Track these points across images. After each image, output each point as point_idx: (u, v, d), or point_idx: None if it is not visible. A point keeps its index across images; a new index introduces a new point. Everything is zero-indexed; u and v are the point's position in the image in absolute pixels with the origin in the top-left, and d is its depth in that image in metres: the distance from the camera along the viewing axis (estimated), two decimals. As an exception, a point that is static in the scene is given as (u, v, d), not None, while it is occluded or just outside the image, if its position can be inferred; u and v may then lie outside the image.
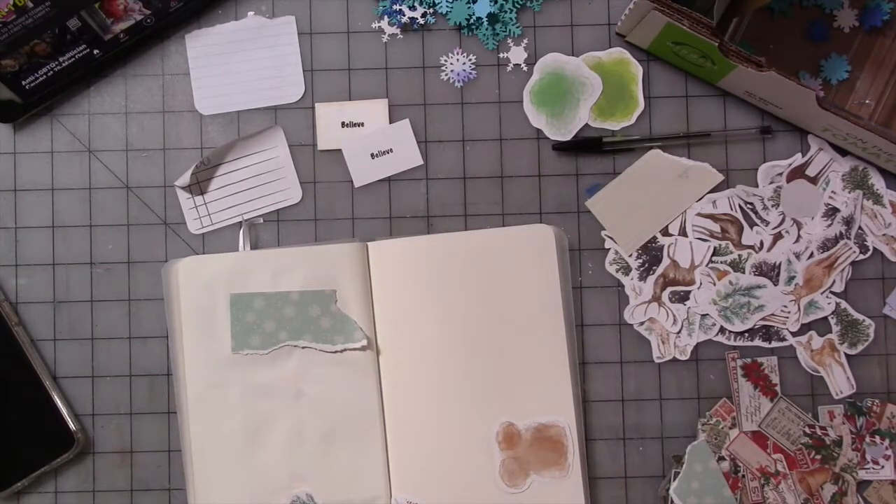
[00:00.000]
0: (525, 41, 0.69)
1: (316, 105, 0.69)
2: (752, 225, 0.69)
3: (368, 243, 0.68)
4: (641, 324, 0.69)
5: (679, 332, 0.68)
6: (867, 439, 0.68)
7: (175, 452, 0.68)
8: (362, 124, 0.69)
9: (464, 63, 0.69)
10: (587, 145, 0.69)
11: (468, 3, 0.68)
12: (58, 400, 0.68)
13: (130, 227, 0.69)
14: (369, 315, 0.67)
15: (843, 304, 0.68)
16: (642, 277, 0.69)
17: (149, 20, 0.67)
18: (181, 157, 0.69)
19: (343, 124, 0.69)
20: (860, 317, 0.68)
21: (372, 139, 0.69)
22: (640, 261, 0.69)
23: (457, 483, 0.66)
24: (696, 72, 0.68)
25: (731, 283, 0.68)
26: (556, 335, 0.67)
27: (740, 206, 0.69)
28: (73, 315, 0.69)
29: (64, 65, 0.67)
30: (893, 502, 0.68)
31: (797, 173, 0.69)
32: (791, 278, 0.68)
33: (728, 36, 0.68)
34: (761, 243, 0.69)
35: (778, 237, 0.69)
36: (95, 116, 0.70)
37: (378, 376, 0.67)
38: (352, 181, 0.69)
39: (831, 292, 0.68)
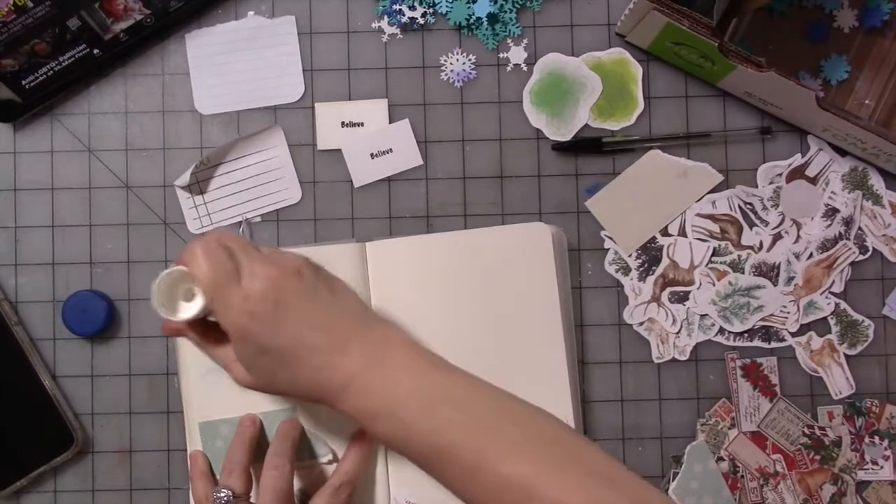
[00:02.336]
0: (525, 41, 0.69)
1: (316, 105, 0.69)
2: (751, 225, 0.69)
3: (366, 243, 0.68)
4: (641, 324, 0.69)
5: (678, 332, 0.68)
6: (866, 440, 0.68)
7: (175, 452, 0.68)
8: (362, 124, 0.69)
9: (463, 63, 0.69)
10: (587, 145, 0.69)
11: (468, 3, 0.68)
12: (57, 399, 0.68)
13: (130, 227, 0.69)
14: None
15: (843, 305, 0.68)
16: (642, 278, 0.69)
17: (149, 20, 0.67)
18: (181, 157, 0.69)
19: (343, 124, 0.69)
20: (859, 317, 0.68)
21: (372, 139, 0.69)
22: (640, 261, 0.69)
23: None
24: (695, 72, 0.68)
25: (730, 283, 0.68)
26: (553, 333, 0.67)
27: (740, 207, 0.69)
28: (73, 314, 0.69)
29: (64, 64, 0.67)
30: (893, 503, 0.68)
31: (797, 174, 0.69)
32: (790, 279, 0.68)
33: (728, 36, 0.68)
34: (761, 244, 0.69)
35: (777, 237, 0.69)
36: (95, 116, 0.70)
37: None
38: (351, 181, 0.69)
39: (831, 293, 0.68)
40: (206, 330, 0.57)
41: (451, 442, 0.50)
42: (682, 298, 0.69)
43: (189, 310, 0.56)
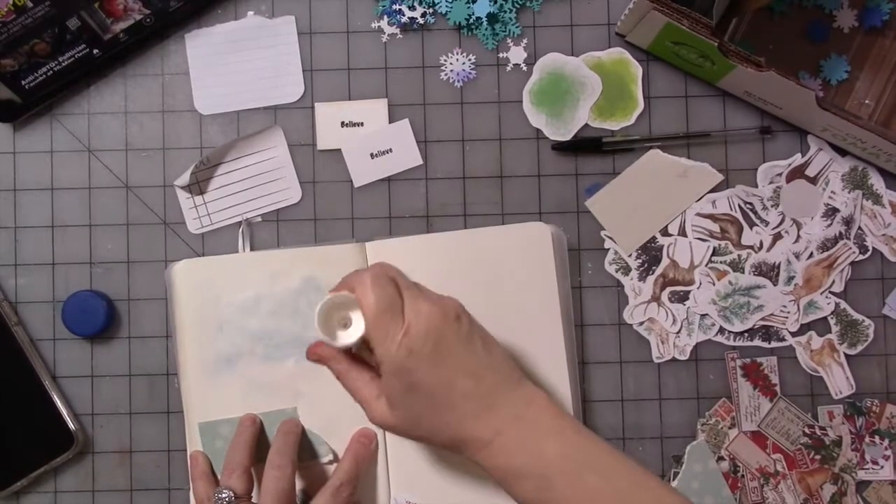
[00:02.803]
0: (525, 41, 0.69)
1: (315, 105, 0.69)
2: (751, 225, 0.69)
3: (366, 243, 0.68)
4: (641, 324, 0.69)
5: (678, 332, 0.68)
6: (866, 439, 0.68)
7: (175, 452, 0.68)
8: (362, 124, 0.69)
9: (463, 63, 0.69)
10: (587, 145, 0.69)
11: (468, 2, 0.68)
12: (57, 400, 0.68)
13: (130, 227, 0.69)
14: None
15: (843, 305, 0.68)
16: (642, 277, 0.69)
17: (148, 20, 0.67)
18: (181, 157, 0.69)
19: (343, 124, 0.69)
20: (860, 317, 0.68)
21: (371, 139, 0.69)
22: (640, 261, 0.69)
23: (456, 483, 0.66)
24: (695, 72, 0.68)
25: (730, 283, 0.68)
26: (553, 333, 0.67)
27: (740, 206, 0.69)
28: (73, 315, 0.69)
29: (64, 64, 0.67)
30: (893, 502, 0.68)
31: (797, 173, 0.69)
32: (790, 278, 0.68)
33: (728, 36, 0.68)
34: (761, 243, 0.69)
35: (777, 237, 0.69)
36: (95, 116, 0.70)
37: (377, 376, 0.67)
38: (351, 181, 0.69)
39: (831, 292, 0.68)
40: (351, 363, 0.58)
41: None
42: (682, 298, 0.69)
43: (349, 336, 0.56)
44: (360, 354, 0.58)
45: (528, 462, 0.53)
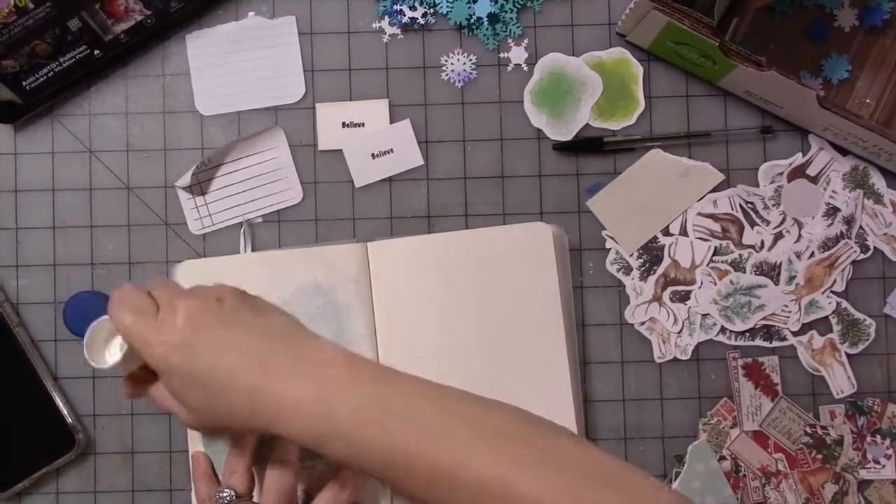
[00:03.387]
0: (525, 41, 0.69)
1: (316, 105, 0.69)
2: (752, 224, 0.69)
3: (367, 243, 0.68)
4: (642, 323, 0.69)
5: (680, 331, 0.68)
6: (868, 439, 0.68)
7: (176, 453, 0.68)
8: (363, 124, 0.69)
9: (464, 63, 0.69)
10: (588, 145, 0.69)
11: (468, 3, 0.68)
12: (59, 400, 0.68)
13: (131, 228, 0.69)
14: (369, 316, 0.67)
15: (844, 304, 0.68)
16: (643, 277, 0.69)
17: (149, 21, 0.67)
18: (182, 158, 0.69)
19: (344, 124, 0.69)
20: (861, 316, 0.68)
21: (372, 139, 0.69)
22: (641, 260, 0.69)
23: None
24: (696, 71, 0.68)
25: (731, 282, 0.68)
26: (555, 333, 0.67)
27: (741, 206, 0.69)
28: (74, 316, 0.69)
29: (64, 65, 0.67)
30: (894, 502, 0.68)
31: (798, 173, 0.69)
32: (792, 278, 0.68)
33: (728, 35, 0.68)
34: (762, 243, 0.69)
35: (779, 237, 0.69)
36: (96, 117, 0.70)
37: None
38: (352, 181, 0.69)
39: (832, 292, 0.68)
40: (154, 380, 0.57)
41: (404, 455, 0.49)
42: (683, 298, 0.69)
43: (113, 356, 0.56)
44: None
45: (323, 424, 0.50)
